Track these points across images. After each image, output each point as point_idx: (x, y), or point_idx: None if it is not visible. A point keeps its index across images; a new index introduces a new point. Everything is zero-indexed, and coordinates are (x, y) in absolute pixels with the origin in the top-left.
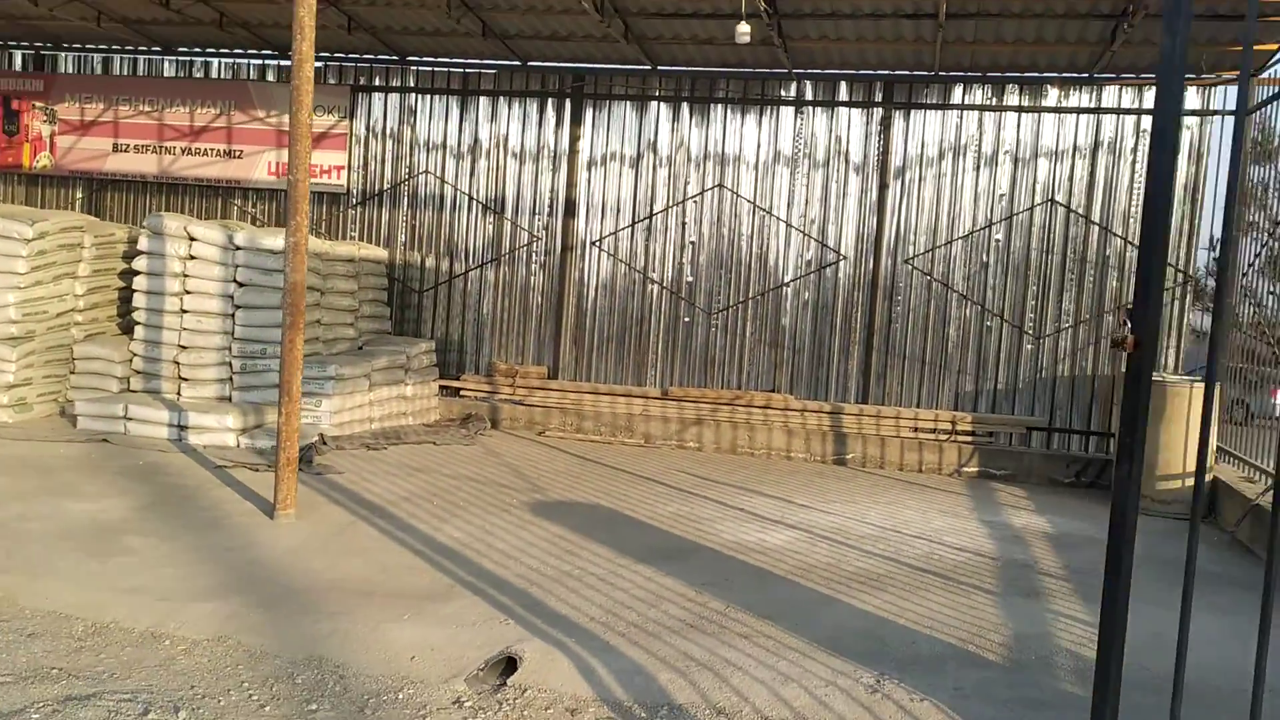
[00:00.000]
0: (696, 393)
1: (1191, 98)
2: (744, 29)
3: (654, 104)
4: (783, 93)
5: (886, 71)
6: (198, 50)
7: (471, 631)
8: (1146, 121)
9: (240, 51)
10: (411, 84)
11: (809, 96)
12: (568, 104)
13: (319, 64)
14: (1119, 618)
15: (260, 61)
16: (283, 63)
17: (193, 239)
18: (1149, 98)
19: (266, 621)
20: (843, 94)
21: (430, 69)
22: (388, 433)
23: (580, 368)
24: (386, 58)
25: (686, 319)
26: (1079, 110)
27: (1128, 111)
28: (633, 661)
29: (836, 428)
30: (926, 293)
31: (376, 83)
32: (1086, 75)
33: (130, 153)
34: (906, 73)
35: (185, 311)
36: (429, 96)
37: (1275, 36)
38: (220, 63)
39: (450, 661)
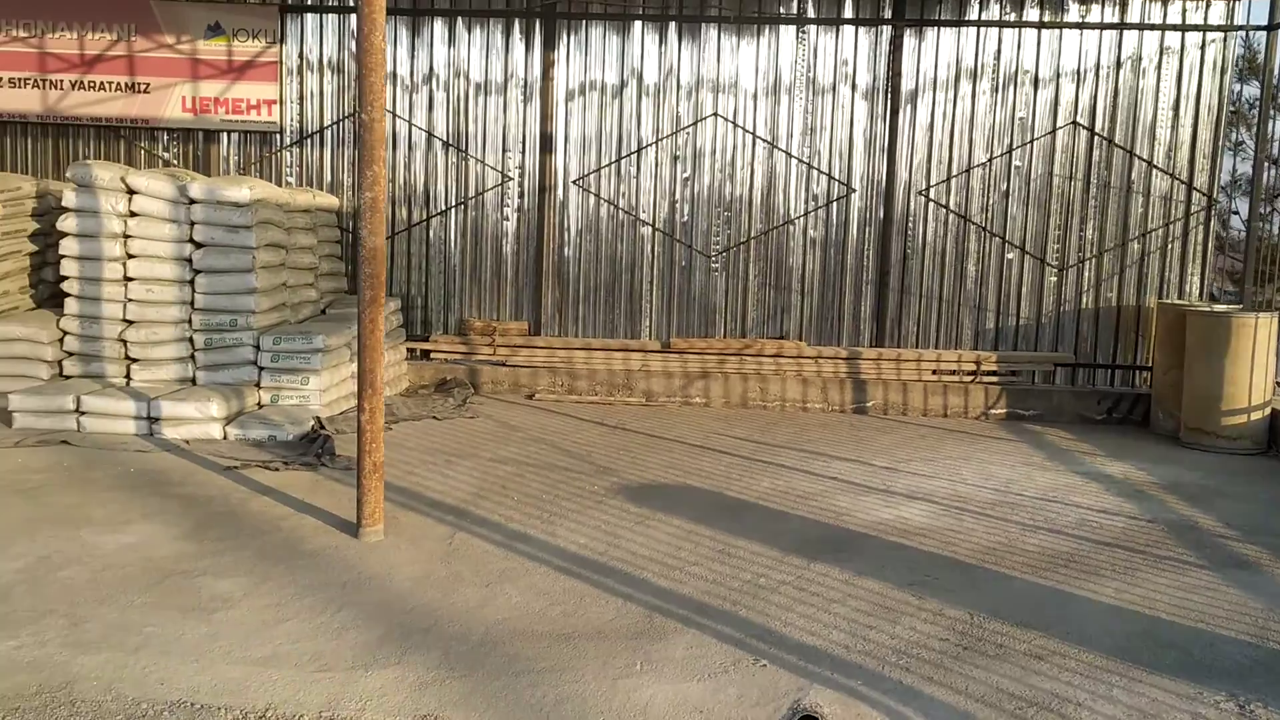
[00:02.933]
0: (701, 343)
1: (1217, 13)
2: None
3: (638, 24)
4: (782, 10)
5: None
6: None
7: (731, 682)
8: (1172, 38)
9: None
10: (351, 2)
11: (811, 14)
12: (539, 25)
13: None
14: None
15: None
16: None
17: (132, 191)
18: (1173, 11)
19: (472, 689)
20: (848, 10)
21: None
22: None
23: (565, 321)
24: None
25: (683, 263)
26: (1101, 26)
27: (1152, 27)
28: (954, 709)
29: (854, 374)
30: (942, 226)
31: (309, 1)
32: None
33: (3, 87)
34: None
35: (130, 279)
36: None
37: None
38: None
39: None
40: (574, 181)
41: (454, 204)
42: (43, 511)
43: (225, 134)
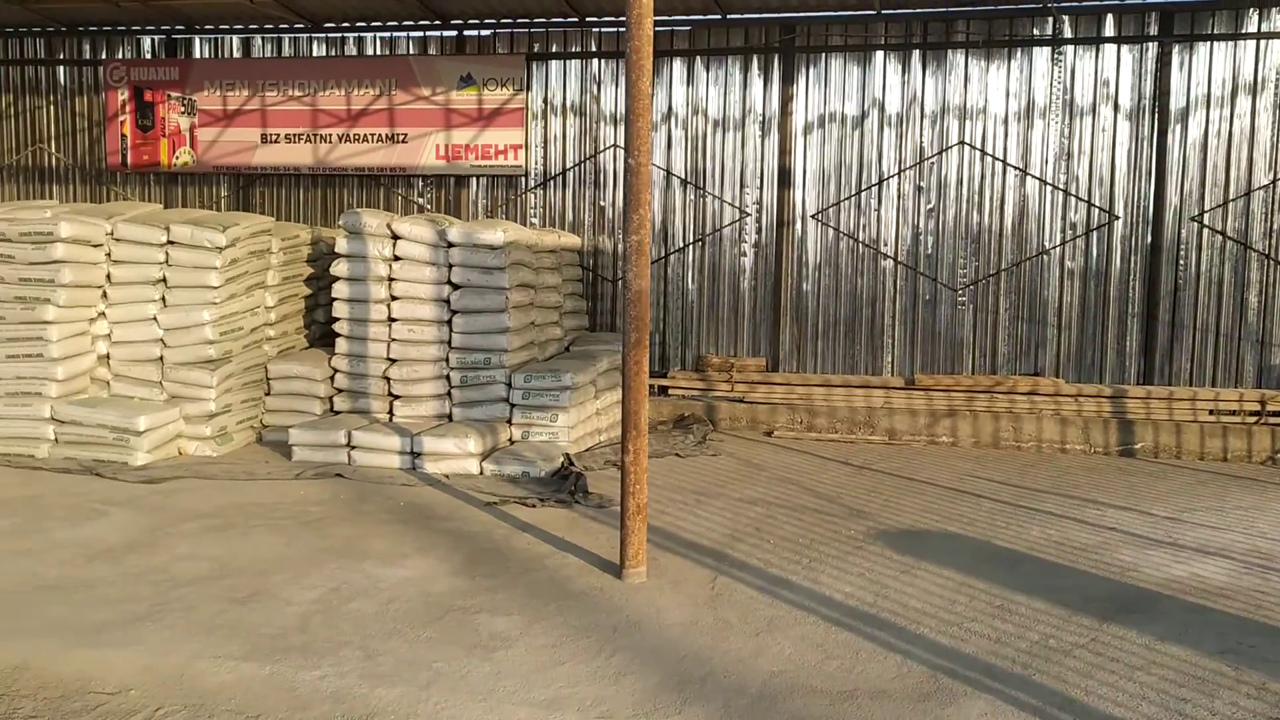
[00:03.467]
0: (949, 380)
1: None
2: None
3: (879, 54)
4: (1035, 31)
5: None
6: (347, 25)
7: None
8: None
9: (395, 24)
10: (593, 48)
11: (1068, 34)
12: (777, 60)
13: (486, 31)
14: None
15: (420, 34)
16: (445, 33)
17: (397, 237)
18: None
19: None
20: (1109, 29)
21: (614, 30)
22: (618, 445)
23: (803, 357)
24: (563, 20)
25: (927, 296)
26: None
27: None
28: None
29: (1120, 414)
30: (1219, 254)
31: (553, 49)
32: None
33: (281, 143)
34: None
35: (393, 320)
36: (614, 61)
37: None
38: (375, 37)
39: None
40: (812, 215)
41: (691, 240)
42: (327, 542)
43: (474, 178)
